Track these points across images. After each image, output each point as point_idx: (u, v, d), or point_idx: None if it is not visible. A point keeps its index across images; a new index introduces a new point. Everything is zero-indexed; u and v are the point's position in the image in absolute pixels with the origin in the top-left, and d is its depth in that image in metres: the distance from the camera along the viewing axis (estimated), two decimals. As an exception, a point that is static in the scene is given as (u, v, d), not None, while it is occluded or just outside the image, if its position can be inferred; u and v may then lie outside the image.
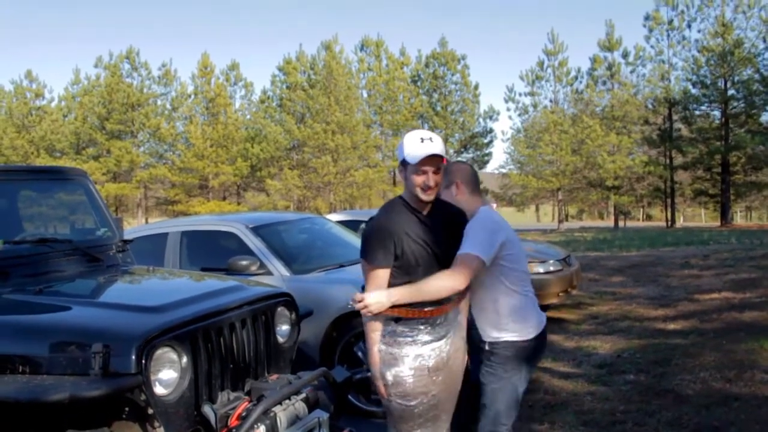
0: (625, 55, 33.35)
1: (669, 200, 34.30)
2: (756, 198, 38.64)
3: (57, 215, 4.22)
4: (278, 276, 4.90)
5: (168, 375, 2.62)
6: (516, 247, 2.81)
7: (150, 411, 2.53)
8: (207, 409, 2.74)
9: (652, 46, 32.71)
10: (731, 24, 30.31)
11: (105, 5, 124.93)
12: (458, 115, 37.22)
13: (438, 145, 2.52)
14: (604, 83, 34.23)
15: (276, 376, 3.14)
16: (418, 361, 2.55)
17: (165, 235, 5.57)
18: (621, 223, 36.43)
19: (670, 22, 31.94)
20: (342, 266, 5.12)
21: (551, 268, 7.08)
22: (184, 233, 5.57)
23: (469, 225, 2.71)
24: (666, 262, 12.14)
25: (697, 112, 32.66)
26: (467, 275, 2.54)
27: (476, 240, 2.62)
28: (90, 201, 3.99)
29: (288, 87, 36.64)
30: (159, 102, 38.25)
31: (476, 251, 2.58)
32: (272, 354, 3.27)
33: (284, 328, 3.44)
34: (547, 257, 7.27)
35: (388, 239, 2.54)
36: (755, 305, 7.39)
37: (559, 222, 35.15)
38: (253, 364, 3.11)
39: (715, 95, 31.05)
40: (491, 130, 37.66)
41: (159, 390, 2.57)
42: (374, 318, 2.56)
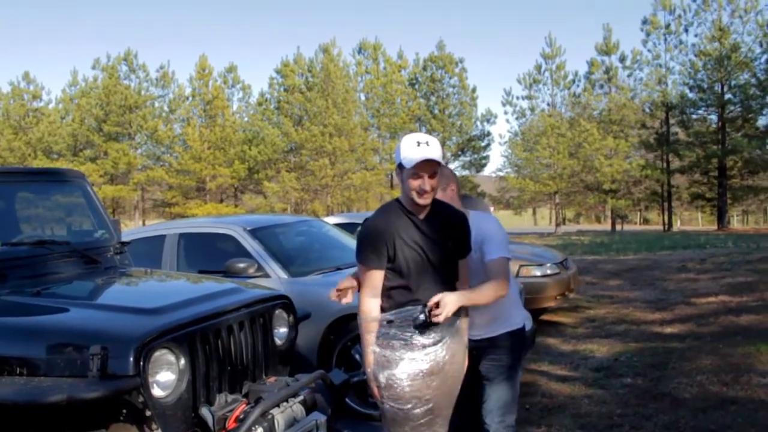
0: (623, 59, 33.45)
1: (666, 204, 34.35)
2: (753, 202, 38.70)
3: (54, 217, 4.21)
4: (276, 278, 4.90)
5: (166, 377, 2.62)
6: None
7: (148, 413, 2.52)
8: (205, 411, 2.74)
9: (650, 50, 32.83)
10: (728, 28, 30.39)
11: (103, 7, 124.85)
12: (456, 119, 37.23)
13: (435, 150, 2.51)
14: (602, 87, 34.31)
15: (274, 379, 3.14)
16: (413, 365, 2.53)
17: (162, 237, 5.57)
18: (618, 227, 36.46)
19: (668, 27, 32.03)
20: (339, 269, 5.12)
21: (548, 272, 7.08)
22: (182, 235, 5.56)
23: (487, 227, 2.83)
24: (663, 266, 12.17)
25: (694, 116, 32.74)
26: (507, 278, 2.75)
27: (503, 243, 2.81)
28: (87, 203, 3.99)
29: (286, 90, 36.62)
30: (156, 104, 38.22)
31: (506, 254, 2.78)
32: (270, 356, 3.26)
33: (282, 331, 3.44)
34: (545, 261, 7.28)
35: (381, 241, 2.54)
36: (752, 309, 7.41)
37: (557, 225, 35.16)
38: (251, 367, 3.10)
39: (712, 99, 31.11)
40: (489, 134, 37.72)
41: (157, 392, 2.57)
42: (370, 319, 2.57)
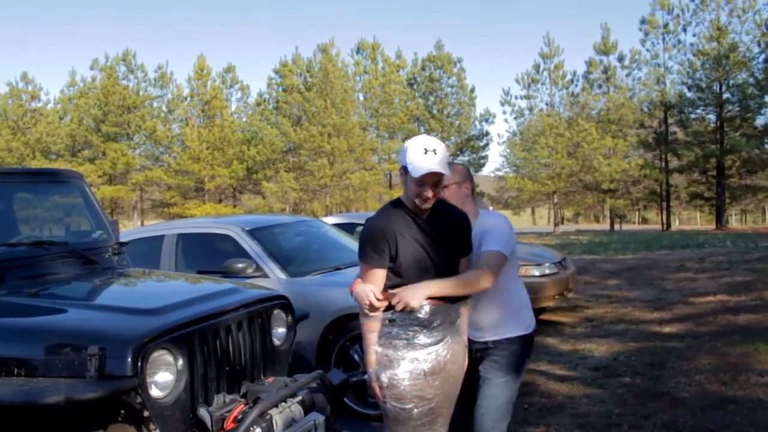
0: (621, 59, 33.47)
1: (664, 203, 34.36)
2: (751, 201, 38.69)
3: (53, 217, 4.20)
4: (274, 279, 4.90)
5: (164, 377, 2.62)
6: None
7: (146, 413, 2.52)
8: (203, 412, 2.74)
9: (648, 50, 32.84)
10: (726, 28, 30.42)
11: (101, 7, 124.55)
12: (454, 118, 37.23)
13: (441, 160, 2.50)
14: (600, 86, 34.32)
15: (272, 379, 3.14)
16: (415, 365, 2.54)
17: (161, 238, 5.57)
18: (617, 227, 36.46)
19: (666, 26, 32.05)
20: (338, 269, 5.12)
21: (547, 271, 7.08)
22: (180, 236, 5.56)
23: (493, 222, 2.83)
24: (661, 266, 12.18)
25: (693, 116, 32.75)
26: (496, 273, 2.68)
27: (502, 238, 2.77)
28: (86, 203, 3.99)
29: (284, 90, 36.61)
30: (155, 104, 38.17)
31: (502, 248, 2.73)
32: (268, 357, 3.26)
33: (280, 331, 3.44)
34: (543, 260, 7.28)
35: (383, 240, 2.54)
36: (750, 308, 7.41)
37: (555, 225, 35.18)
38: (249, 367, 3.10)
39: (711, 99, 31.13)
40: (487, 133, 37.73)
41: (155, 392, 2.57)
42: (372, 319, 2.56)
